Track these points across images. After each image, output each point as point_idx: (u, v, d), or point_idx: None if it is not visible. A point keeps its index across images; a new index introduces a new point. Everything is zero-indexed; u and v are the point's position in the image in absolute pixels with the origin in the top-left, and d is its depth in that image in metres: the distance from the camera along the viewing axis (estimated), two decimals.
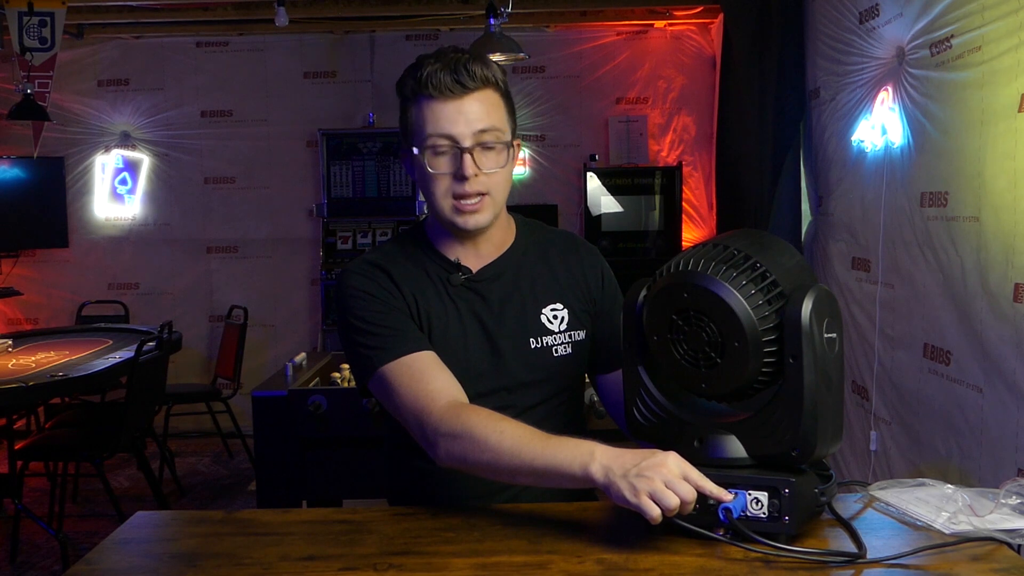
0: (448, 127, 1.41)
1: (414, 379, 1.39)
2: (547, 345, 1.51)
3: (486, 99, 1.43)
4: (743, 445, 1.22)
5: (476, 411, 1.33)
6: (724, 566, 1.14)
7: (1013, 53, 2.52)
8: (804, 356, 1.15)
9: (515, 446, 1.26)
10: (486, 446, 1.28)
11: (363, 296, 1.46)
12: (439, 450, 1.33)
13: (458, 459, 1.31)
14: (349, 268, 1.52)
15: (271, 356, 5.88)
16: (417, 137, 1.44)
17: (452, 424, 1.32)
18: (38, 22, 4.80)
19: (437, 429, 1.33)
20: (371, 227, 5.80)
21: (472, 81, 1.41)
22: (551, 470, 1.23)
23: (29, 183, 5.76)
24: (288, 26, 4.68)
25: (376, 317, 1.45)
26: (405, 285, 1.48)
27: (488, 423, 1.30)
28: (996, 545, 1.19)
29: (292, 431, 2.91)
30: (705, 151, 5.82)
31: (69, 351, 4.25)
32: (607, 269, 1.64)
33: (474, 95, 1.42)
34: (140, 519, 1.38)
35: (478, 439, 1.28)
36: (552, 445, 1.24)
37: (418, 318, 1.48)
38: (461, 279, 1.50)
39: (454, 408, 1.34)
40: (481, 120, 1.42)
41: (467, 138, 1.41)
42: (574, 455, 1.21)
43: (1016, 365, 2.52)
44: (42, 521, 3.87)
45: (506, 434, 1.27)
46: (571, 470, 1.21)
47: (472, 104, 1.42)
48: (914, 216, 3.14)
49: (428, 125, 1.42)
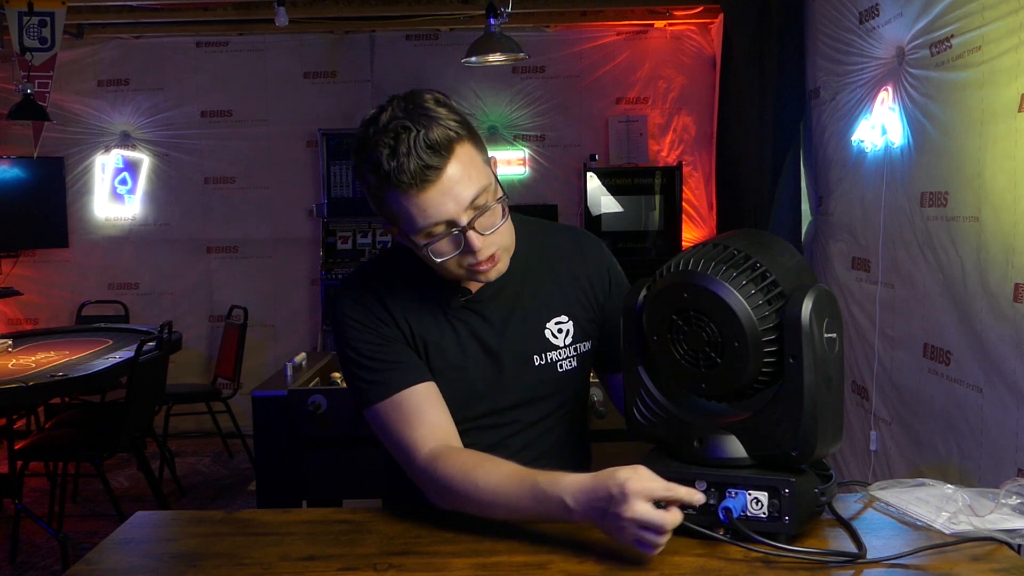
0: (439, 215, 1.28)
1: (401, 422, 1.37)
2: (551, 361, 1.47)
3: (461, 161, 1.28)
4: (743, 445, 1.22)
5: (453, 461, 1.31)
6: (724, 566, 1.14)
7: (1013, 53, 2.52)
8: (804, 356, 1.15)
9: (495, 499, 1.25)
10: (468, 499, 1.28)
11: (356, 326, 1.42)
12: (430, 497, 1.35)
13: (450, 505, 1.32)
14: (343, 292, 1.46)
15: (271, 356, 5.89)
16: (406, 226, 1.32)
17: (433, 478, 1.32)
18: (38, 22, 4.80)
19: (422, 480, 1.35)
20: (371, 227, 5.80)
21: (440, 155, 1.26)
22: (537, 519, 1.25)
23: (29, 183, 5.76)
24: (288, 26, 4.68)
25: (369, 349, 1.41)
26: (399, 310, 1.43)
27: (465, 475, 1.28)
28: (996, 545, 1.19)
29: (292, 431, 2.91)
30: (705, 151, 5.82)
31: (69, 351, 4.25)
32: (613, 265, 1.58)
33: (448, 166, 1.27)
34: (140, 519, 1.38)
35: (458, 492, 1.29)
36: (526, 499, 1.22)
37: (414, 344, 1.43)
38: (460, 301, 1.45)
39: (434, 461, 1.33)
40: (468, 190, 1.28)
41: (463, 216, 1.29)
42: (550, 510, 1.20)
43: (1016, 365, 2.52)
44: (42, 521, 3.87)
45: (481, 488, 1.26)
46: (555, 519, 1.22)
47: (450, 177, 1.27)
48: (914, 216, 3.14)
49: (416, 219, 1.29)
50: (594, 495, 1.15)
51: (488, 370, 1.45)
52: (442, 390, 1.42)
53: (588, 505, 1.16)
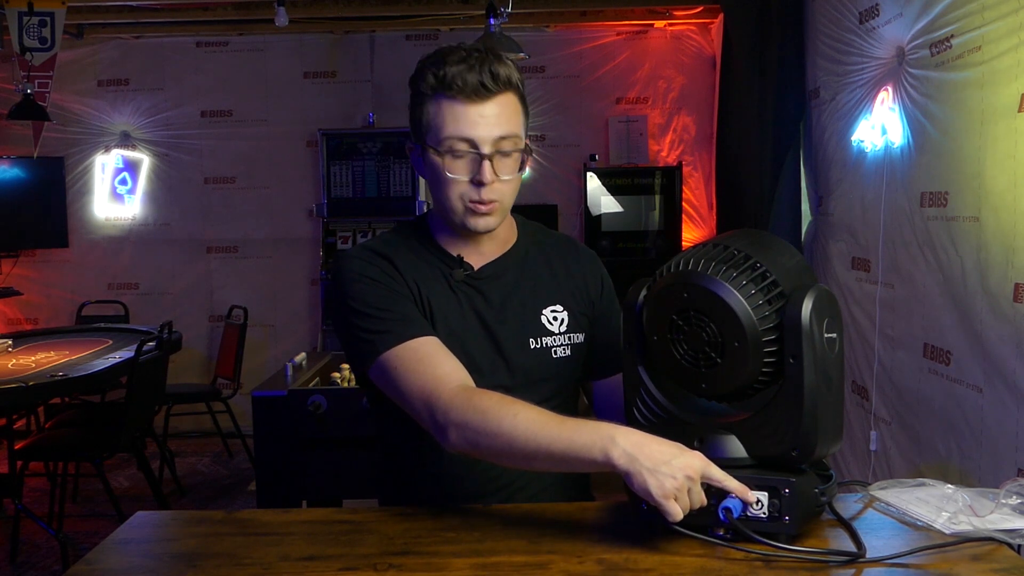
0: (469, 131, 1.38)
1: (421, 363, 1.35)
2: (547, 346, 1.51)
3: (507, 104, 1.40)
4: (743, 445, 1.22)
5: (488, 395, 1.29)
6: (724, 566, 1.14)
7: (1013, 53, 2.52)
8: (804, 356, 1.15)
9: (530, 430, 1.22)
10: (500, 431, 1.23)
11: (364, 280, 1.43)
12: (450, 436, 1.28)
13: (470, 444, 1.27)
14: (348, 253, 1.49)
15: (271, 356, 5.88)
16: (433, 136, 1.41)
17: (464, 409, 1.27)
18: (38, 22, 4.80)
19: (447, 414, 1.28)
20: (371, 227, 5.79)
21: (496, 85, 1.38)
22: (569, 454, 1.19)
23: (29, 183, 5.76)
24: (288, 26, 4.68)
25: (379, 300, 1.41)
26: (408, 272, 1.46)
27: (502, 407, 1.25)
28: (996, 545, 1.19)
29: (292, 431, 2.91)
30: (705, 151, 5.82)
31: (69, 351, 4.25)
32: (606, 276, 1.63)
33: (496, 99, 1.39)
34: (140, 519, 1.38)
35: (491, 424, 1.24)
36: (569, 428, 1.20)
37: (421, 305, 1.45)
38: (463, 275, 1.49)
39: (465, 392, 1.30)
40: (502, 126, 1.39)
41: (487, 144, 1.38)
42: (593, 439, 1.17)
43: (1016, 365, 2.52)
44: (42, 521, 3.87)
45: (520, 417, 1.23)
46: (591, 455, 1.17)
47: (494, 108, 1.39)
48: (914, 216, 3.14)
49: (448, 126, 1.38)
50: (652, 441, 1.16)
51: (486, 345, 1.47)
52: None
53: (641, 445, 1.15)
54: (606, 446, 1.16)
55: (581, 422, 1.21)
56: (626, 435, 1.17)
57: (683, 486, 1.13)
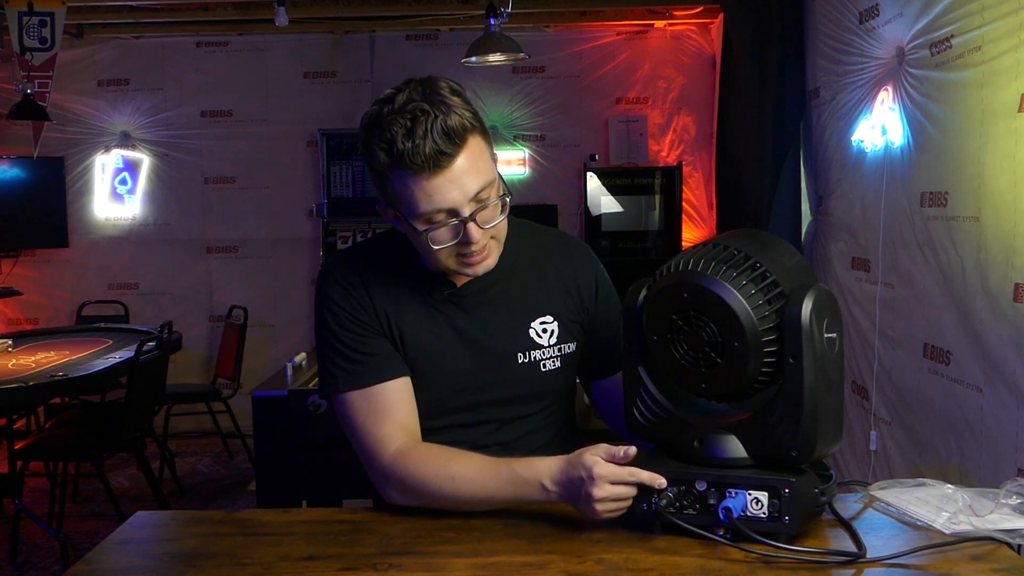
0: (443, 203, 1.29)
1: (370, 416, 1.40)
2: (535, 360, 1.47)
3: (471, 153, 1.29)
4: (743, 445, 1.22)
5: (423, 459, 1.35)
6: (724, 566, 1.14)
7: (1013, 53, 2.52)
8: (804, 356, 1.15)
9: (469, 490, 1.31)
10: (441, 495, 1.33)
11: (337, 312, 1.43)
12: (390, 495, 1.37)
13: (415, 503, 1.36)
14: (329, 270, 1.47)
15: (271, 356, 5.88)
16: (407, 209, 1.32)
17: (401, 475, 1.35)
18: (38, 22, 4.79)
19: (386, 476, 1.37)
20: (371, 227, 5.79)
21: (453, 144, 1.27)
22: (512, 501, 1.31)
23: (29, 183, 5.76)
24: (288, 26, 4.68)
25: (347, 337, 1.42)
26: (381, 297, 1.43)
27: (438, 473, 1.33)
28: (996, 545, 1.19)
29: (292, 431, 2.91)
30: (705, 151, 5.82)
31: (69, 351, 4.25)
32: (602, 273, 1.58)
33: (460, 156, 1.28)
34: (140, 519, 1.38)
35: (431, 489, 1.33)
36: (504, 479, 1.30)
37: (389, 334, 1.43)
38: (444, 294, 1.45)
39: (400, 460, 1.36)
40: (474, 181, 1.29)
41: (466, 207, 1.30)
42: (528, 490, 1.29)
43: (1016, 365, 2.52)
44: (42, 521, 3.87)
45: (457, 481, 1.32)
46: (533, 497, 1.29)
47: (461, 165, 1.28)
48: (914, 216, 3.14)
49: (420, 203, 1.29)
50: (567, 477, 1.25)
51: (471, 363, 1.45)
52: (420, 380, 1.44)
53: (564, 486, 1.26)
54: (540, 494, 1.28)
55: (513, 468, 1.30)
56: (550, 476, 1.27)
57: (604, 500, 1.22)
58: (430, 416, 1.45)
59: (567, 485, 1.25)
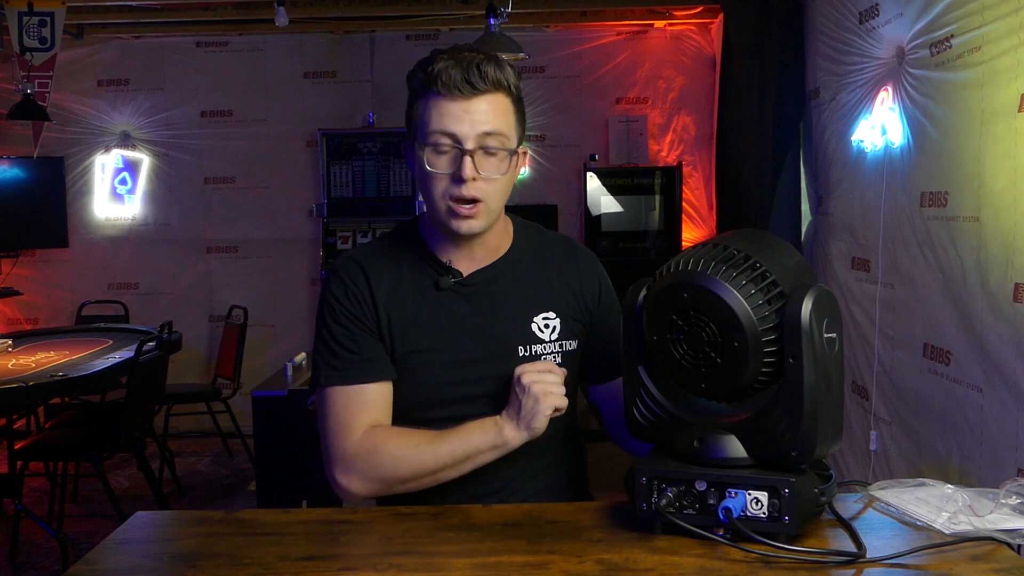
0: (452, 126, 1.37)
1: (344, 411, 1.45)
2: (536, 354, 1.49)
3: (495, 103, 1.40)
4: (743, 445, 1.22)
5: (387, 434, 1.43)
6: (724, 566, 1.14)
7: (1013, 53, 2.52)
8: (804, 356, 1.15)
9: (433, 448, 1.39)
10: (405, 457, 1.40)
11: (336, 307, 1.47)
12: (350, 483, 1.43)
13: (372, 479, 1.42)
14: (338, 265, 1.52)
15: (271, 356, 5.88)
16: (420, 132, 1.41)
17: (367, 451, 1.41)
18: (38, 22, 4.80)
19: (351, 460, 1.43)
20: (371, 227, 5.80)
21: (483, 83, 1.37)
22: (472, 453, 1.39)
23: (29, 183, 5.76)
24: (288, 26, 4.68)
25: (340, 334, 1.46)
26: (383, 294, 1.46)
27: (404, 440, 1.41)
28: (996, 545, 1.18)
29: (292, 431, 2.91)
30: (705, 151, 5.82)
31: (69, 351, 4.25)
32: (605, 279, 1.61)
33: (483, 97, 1.38)
34: (140, 519, 1.38)
35: (396, 456, 1.40)
36: (463, 434, 1.39)
37: (388, 333, 1.46)
38: (450, 283, 1.47)
39: (368, 437, 1.43)
40: (487, 123, 1.38)
41: (470, 139, 1.38)
42: (487, 435, 1.39)
43: (1016, 365, 2.52)
44: (42, 521, 3.87)
45: (422, 445, 1.40)
46: (492, 444, 1.38)
47: (480, 105, 1.38)
48: (914, 216, 3.14)
49: (432, 122, 1.39)
50: (508, 404, 1.39)
51: (472, 354, 1.47)
52: (420, 369, 1.46)
53: (509, 412, 1.38)
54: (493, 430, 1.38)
55: (470, 426, 1.40)
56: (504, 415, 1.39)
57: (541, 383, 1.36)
58: (427, 407, 1.47)
59: (512, 408, 1.37)
